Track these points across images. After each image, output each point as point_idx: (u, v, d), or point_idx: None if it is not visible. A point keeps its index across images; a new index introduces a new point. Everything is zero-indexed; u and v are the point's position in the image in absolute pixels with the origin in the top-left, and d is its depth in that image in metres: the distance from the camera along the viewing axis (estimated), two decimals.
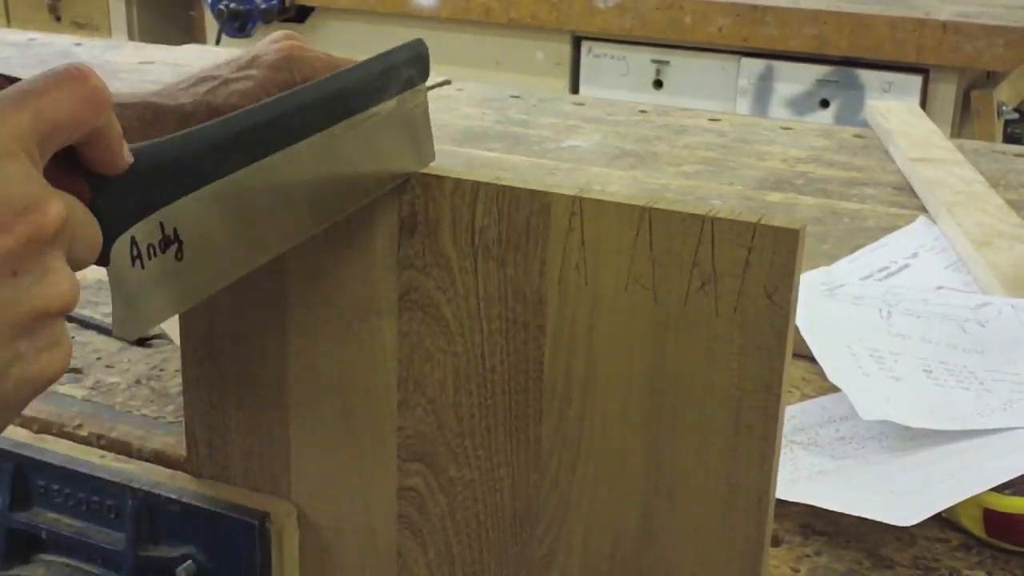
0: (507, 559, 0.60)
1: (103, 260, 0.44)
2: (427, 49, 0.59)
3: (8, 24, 2.79)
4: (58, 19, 2.78)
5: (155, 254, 0.46)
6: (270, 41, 0.64)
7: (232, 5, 2.44)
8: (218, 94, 0.61)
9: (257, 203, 0.51)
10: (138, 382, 0.78)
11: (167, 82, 0.63)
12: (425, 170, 0.57)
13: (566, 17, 2.29)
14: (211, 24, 2.55)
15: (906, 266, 0.98)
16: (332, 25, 2.52)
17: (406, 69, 0.57)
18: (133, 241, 0.45)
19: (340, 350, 0.61)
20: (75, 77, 0.41)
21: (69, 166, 0.42)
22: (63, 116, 0.40)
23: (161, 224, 0.46)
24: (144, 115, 0.60)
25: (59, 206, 0.39)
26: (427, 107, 0.60)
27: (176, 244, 0.47)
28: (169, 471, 0.68)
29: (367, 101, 0.55)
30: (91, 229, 0.42)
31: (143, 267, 0.45)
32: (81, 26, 2.75)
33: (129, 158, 0.44)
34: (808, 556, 0.63)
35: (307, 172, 0.53)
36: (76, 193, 0.42)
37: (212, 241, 0.49)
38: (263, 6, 2.45)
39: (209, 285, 0.50)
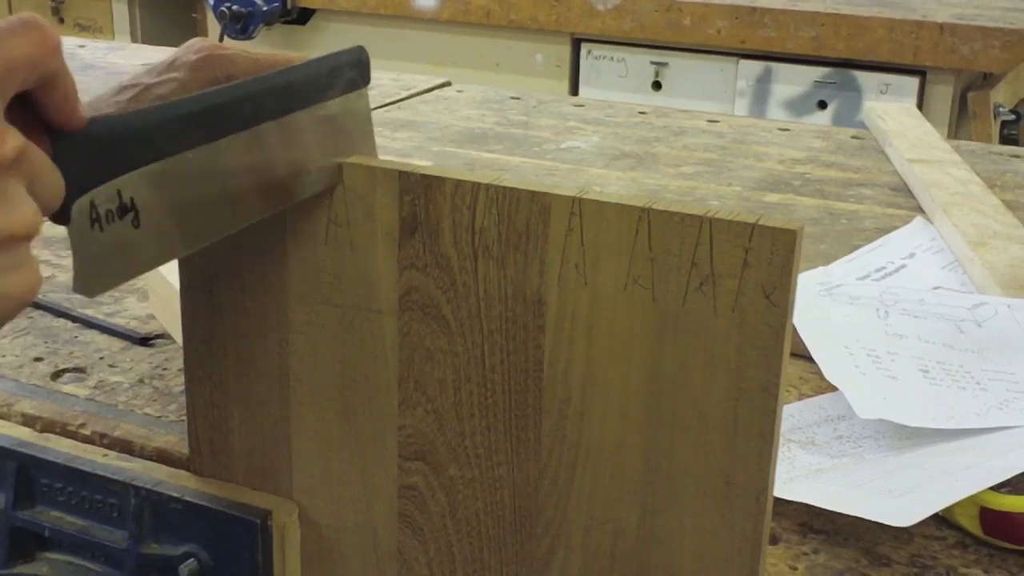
0: (507, 557, 0.60)
1: (64, 218, 0.47)
2: (368, 56, 0.61)
3: None
4: (61, 21, 2.78)
5: (113, 219, 0.49)
6: (187, 46, 0.65)
7: (234, 7, 2.45)
8: (141, 100, 0.62)
9: (209, 183, 0.54)
10: (141, 381, 0.79)
11: (96, 91, 0.64)
12: (425, 171, 0.58)
13: (566, 19, 2.29)
14: (213, 26, 2.56)
15: (903, 266, 0.98)
16: (333, 27, 2.52)
17: (348, 71, 0.60)
18: (92, 205, 0.48)
19: (341, 350, 0.62)
20: (27, 23, 0.44)
21: (32, 121, 0.45)
22: (17, 57, 0.43)
23: (119, 192, 0.49)
24: None
25: (16, 138, 0.42)
26: (369, 111, 0.62)
27: (133, 212, 0.50)
28: (171, 470, 0.69)
29: (314, 96, 0.58)
30: (53, 176, 0.45)
31: (102, 230, 0.49)
32: (84, 28, 2.75)
33: (86, 114, 0.47)
34: (806, 554, 0.63)
35: (256, 157, 0.56)
36: (38, 144, 0.45)
37: (166, 214, 0.52)
38: (265, 8, 2.45)
39: (162, 256, 0.54)
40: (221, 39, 2.47)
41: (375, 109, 1.49)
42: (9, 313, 0.45)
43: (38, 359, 0.81)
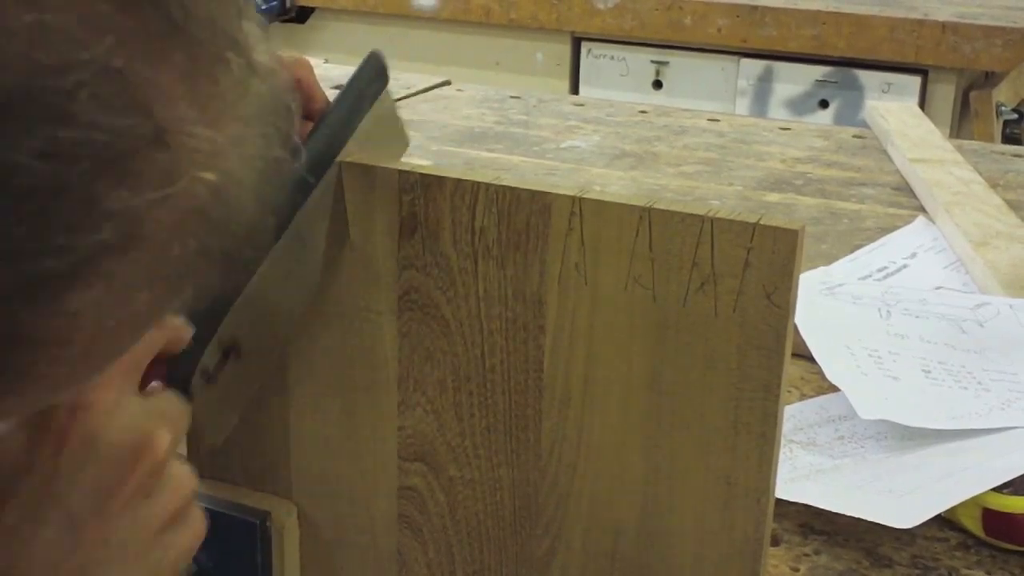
0: (507, 558, 0.60)
1: (186, 395, 0.51)
2: (383, 58, 0.61)
3: None
4: None
5: (222, 367, 0.53)
6: None
7: None
8: None
9: (283, 274, 0.56)
10: None
11: None
12: (425, 171, 0.58)
13: (566, 18, 2.29)
14: None
15: (905, 266, 0.98)
16: (333, 26, 2.52)
17: (373, 86, 0.60)
18: (203, 370, 0.51)
19: (340, 350, 0.61)
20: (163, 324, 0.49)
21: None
22: (150, 349, 0.49)
23: (219, 341, 0.52)
24: None
25: (163, 436, 0.48)
26: (394, 106, 0.62)
27: (235, 348, 0.53)
28: None
29: (351, 130, 0.59)
30: (181, 410, 0.51)
31: (216, 383, 0.52)
32: None
33: (189, 333, 0.51)
34: (807, 555, 0.63)
35: (307, 234, 0.58)
36: (154, 375, 0.50)
37: (260, 327, 0.56)
38: (264, 7, 2.45)
39: (271, 359, 0.57)
40: None
41: None
42: (182, 560, 0.50)
43: None
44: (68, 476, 0.46)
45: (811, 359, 0.79)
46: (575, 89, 2.34)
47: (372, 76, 0.60)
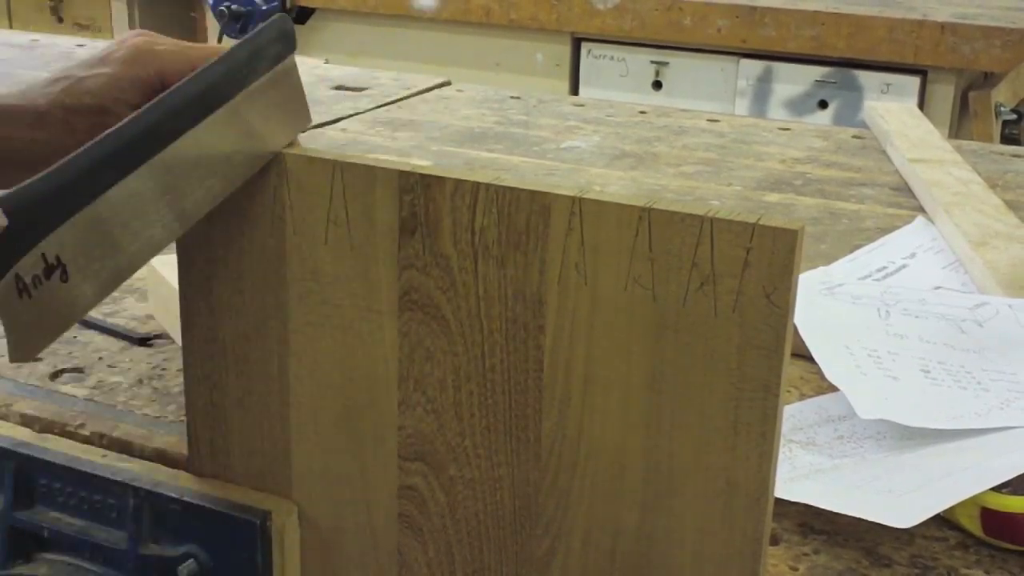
0: (507, 558, 0.60)
1: None
2: (292, 25, 0.61)
3: (10, 25, 2.79)
4: (60, 20, 2.78)
5: (41, 283, 0.49)
6: (121, 39, 0.66)
7: (233, 6, 2.44)
8: (72, 92, 0.63)
9: (131, 212, 0.53)
10: (140, 382, 0.79)
11: (28, 81, 0.65)
12: (425, 171, 0.58)
13: (566, 19, 2.29)
14: (213, 25, 2.56)
15: (904, 266, 0.98)
16: (333, 26, 2.52)
17: (272, 47, 0.59)
18: (17, 276, 0.48)
19: (340, 350, 0.61)
20: None
21: None
22: None
23: (43, 255, 0.49)
24: None
25: None
26: (299, 77, 0.62)
27: (59, 268, 0.49)
28: (171, 470, 0.69)
29: (236, 88, 0.58)
30: None
31: (31, 297, 0.48)
32: (83, 27, 2.75)
33: (3, 221, 0.47)
34: (807, 555, 0.63)
35: (179, 171, 0.56)
36: None
37: (94, 258, 0.51)
38: (264, 7, 2.45)
39: (96, 297, 0.53)
40: (220, 39, 2.47)
41: (376, 109, 1.48)
42: None
43: (37, 359, 0.81)
44: None
45: (811, 359, 0.79)
46: (575, 89, 2.34)
47: (273, 37, 0.60)
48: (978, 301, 0.85)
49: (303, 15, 2.52)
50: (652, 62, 2.29)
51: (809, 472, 0.69)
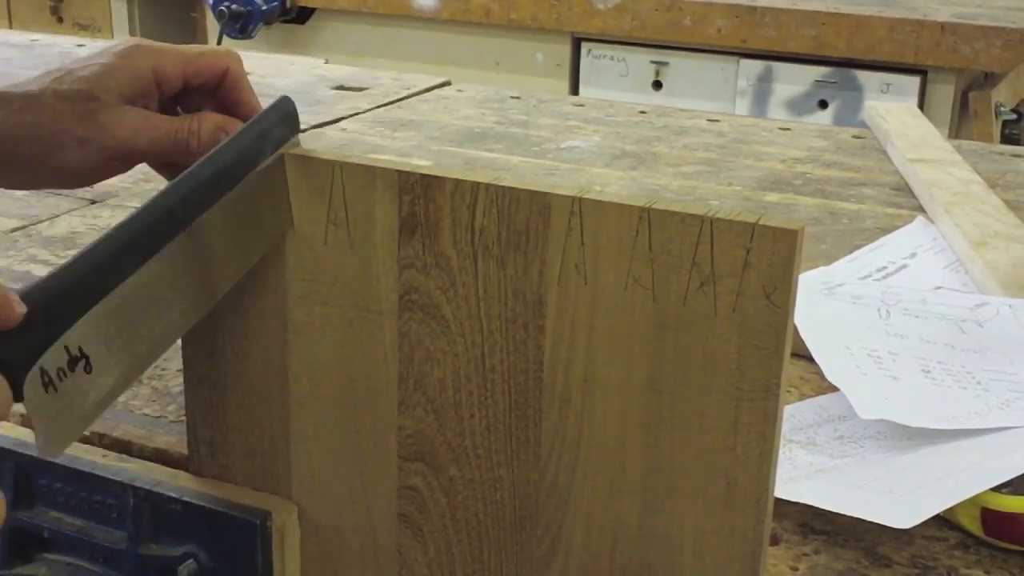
0: (507, 558, 0.60)
1: (18, 398, 0.48)
2: (295, 106, 0.61)
3: (10, 25, 2.79)
4: (60, 20, 2.78)
5: (65, 376, 0.49)
6: (117, 42, 0.67)
7: (233, 6, 2.44)
8: (63, 80, 0.64)
9: (151, 297, 0.54)
10: (139, 382, 0.79)
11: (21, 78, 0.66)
12: (425, 171, 0.58)
13: (566, 18, 2.29)
14: (212, 25, 2.55)
15: (904, 266, 0.98)
16: (333, 26, 2.52)
17: (277, 130, 0.60)
18: (43, 371, 0.48)
19: (340, 350, 0.61)
20: None
21: None
22: None
23: (66, 347, 0.49)
24: None
25: None
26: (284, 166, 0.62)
27: (83, 360, 0.50)
28: (170, 470, 0.69)
29: (245, 172, 0.58)
30: (1, 390, 0.47)
31: (56, 391, 0.49)
32: (83, 27, 2.75)
33: (22, 309, 0.48)
34: (807, 555, 0.63)
35: (195, 255, 0.57)
36: None
37: (117, 347, 0.52)
38: (264, 7, 2.45)
39: (122, 384, 0.54)
40: (220, 39, 2.47)
41: (376, 108, 1.48)
42: None
43: None
44: None
45: (811, 359, 0.79)
46: (575, 89, 2.34)
47: (278, 119, 0.61)
48: (978, 301, 0.85)
49: (303, 15, 2.52)
50: (652, 62, 2.29)
51: (809, 472, 0.69)
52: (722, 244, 0.52)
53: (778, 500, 0.60)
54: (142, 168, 0.69)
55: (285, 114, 0.61)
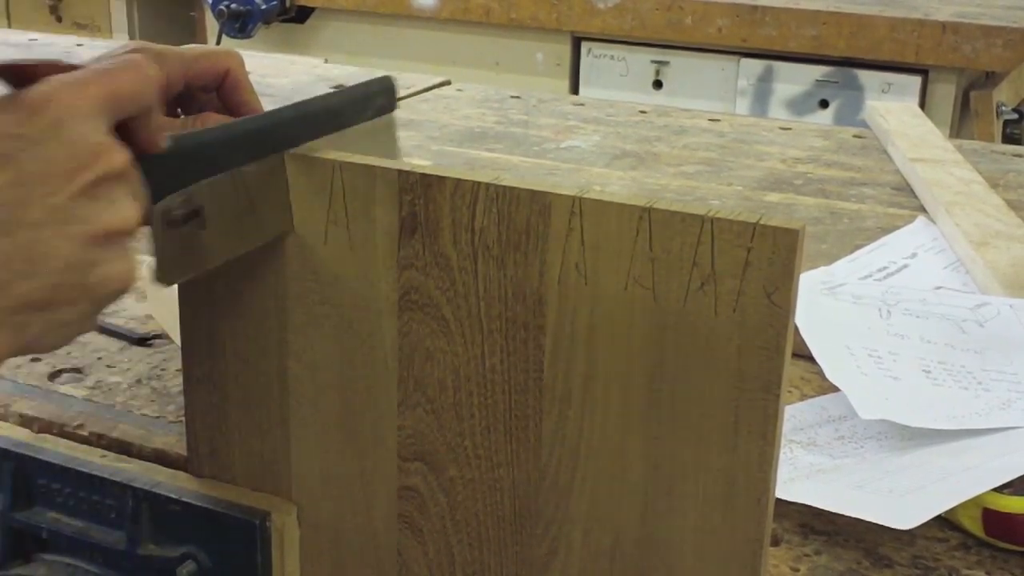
0: (507, 558, 0.60)
1: (146, 219, 0.54)
2: (395, 84, 0.67)
3: (9, 25, 2.79)
4: (59, 20, 2.78)
5: (184, 223, 0.56)
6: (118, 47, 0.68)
7: (233, 6, 2.44)
8: (58, 65, 0.65)
9: (261, 192, 0.60)
10: (139, 382, 0.79)
11: None
12: (425, 171, 0.58)
13: (566, 18, 2.29)
14: (212, 24, 2.55)
15: (905, 266, 0.98)
16: (332, 26, 2.52)
17: (378, 98, 0.66)
18: (168, 210, 0.55)
19: (340, 350, 0.61)
20: (137, 63, 0.53)
21: (124, 142, 0.52)
22: (127, 92, 0.52)
23: (189, 199, 0.56)
24: None
25: (124, 153, 0.51)
26: (395, 132, 0.68)
27: (199, 217, 0.57)
28: (170, 471, 0.68)
29: (351, 118, 0.64)
30: (144, 187, 0.54)
31: (176, 230, 0.56)
32: (82, 27, 2.75)
33: (164, 141, 0.54)
34: (807, 555, 0.63)
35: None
36: None
37: (226, 218, 0.58)
38: (263, 7, 2.45)
39: (225, 252, 0.60)
40: (219, 39, 2.47)
41: None
42: (109, 298, 0.52)
43: (36, 359, 0.81)
44: (28, 141, 0.48)
45: (811, 359, 0.79)
46: (575, 89, 2.34)
47: (381, 90, 0.66)
48: (979, 301, 0.85)
49: (303, 15, 2.52)
50: (652, 61, 2.29)
51: (810, 472, 0.69)
52: (723, 244, 0.52)
53: (779, 500, 0.60)
54: None
55: (386, 88, 0.66)
